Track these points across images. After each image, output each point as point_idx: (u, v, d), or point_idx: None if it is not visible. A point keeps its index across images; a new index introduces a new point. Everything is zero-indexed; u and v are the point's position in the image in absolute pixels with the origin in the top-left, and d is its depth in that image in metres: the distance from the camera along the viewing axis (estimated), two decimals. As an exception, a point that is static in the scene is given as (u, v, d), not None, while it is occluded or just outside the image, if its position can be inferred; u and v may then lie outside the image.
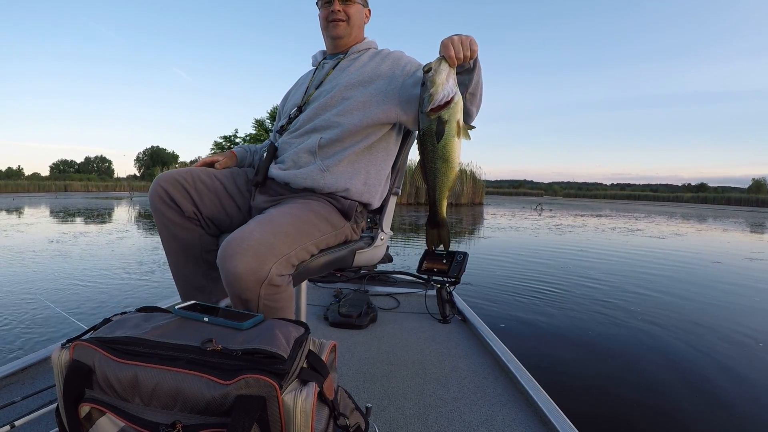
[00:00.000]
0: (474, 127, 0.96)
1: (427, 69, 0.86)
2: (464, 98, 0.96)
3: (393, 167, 1.32)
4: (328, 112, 1.18)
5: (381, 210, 1.31)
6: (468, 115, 1.02)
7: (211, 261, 1.15)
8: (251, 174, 1.26)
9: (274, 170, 1.17)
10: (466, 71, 0.97)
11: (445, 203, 0.92)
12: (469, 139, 0.90)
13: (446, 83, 0.85)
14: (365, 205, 1.22)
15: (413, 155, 1.44)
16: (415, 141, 0.92)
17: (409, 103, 1.12)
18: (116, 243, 5.75)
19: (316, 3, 1.28)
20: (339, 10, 1.21)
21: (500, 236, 7.66)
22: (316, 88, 1.25)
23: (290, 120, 1.25)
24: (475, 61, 0.97)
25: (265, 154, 1.23)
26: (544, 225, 10.33)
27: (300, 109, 1.24)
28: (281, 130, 1.27)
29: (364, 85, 1.17)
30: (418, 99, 1.09)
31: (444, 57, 0.87)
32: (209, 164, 1.27)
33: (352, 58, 1.26)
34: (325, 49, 1.35)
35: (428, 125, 0.85)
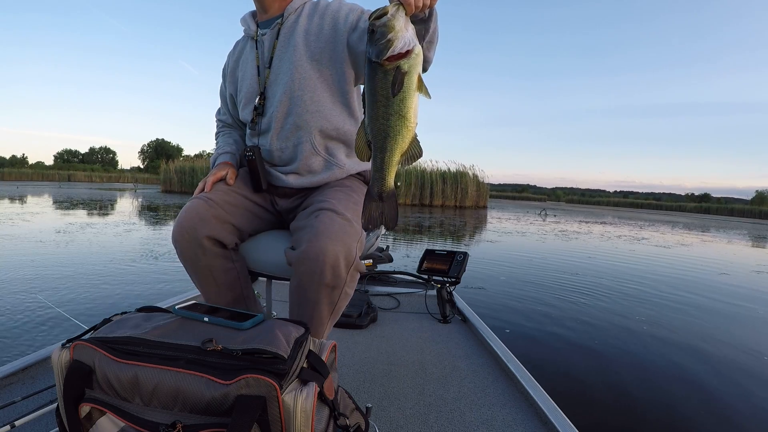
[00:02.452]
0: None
1: (380, 15, 0.74)
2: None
3: None
4: (302, 102, 1.11)
5: None
6: (426, 62, 0.94)
7: (249, 295, 1.14)
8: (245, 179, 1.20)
9: (291, 179, 1.15)
10: (422, 21, 0.85)
11: (394, 171, 0.76)
12: (429, 97, 0.76)
13: (405, 30, 0.73)
14: None
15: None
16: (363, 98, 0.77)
17: (357, 60, 1.09)
18: (123, 236, 5.77)
19: None
20: None
21: (507, 240, 7.61)
22: (268, 68, 1.15)
23: (256, 111, 1.16)
24: (432, 9, 0.85)
25: (249, 159, 1.15)
26: (549, 231, 10.25)
27: (263, 95, 1.15)
28: (252, 125, 1.18)
29: (318, 60, 1.10)
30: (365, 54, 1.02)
31: (401, 2, 0.75)
32: (219, 181, 1.16)
33: (291, 22, 1.14)
34: (252, 10, 1.23)
35: (382, 77, 0.72)
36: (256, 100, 1.16)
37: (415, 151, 0.75)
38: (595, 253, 6.64)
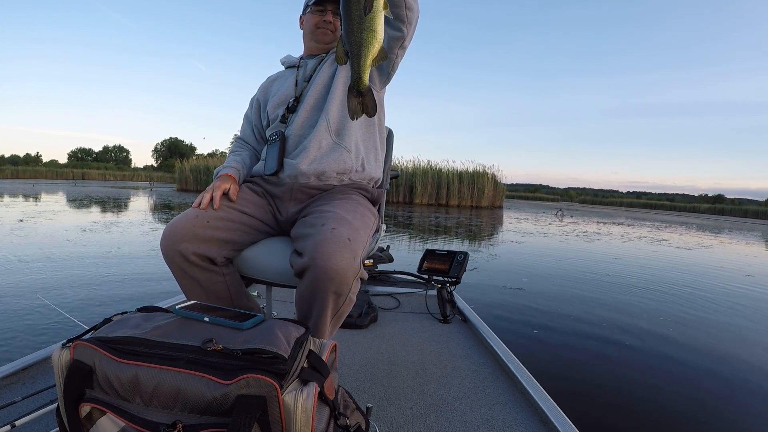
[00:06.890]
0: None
1: None
2: None
3: (384, 163, 1.39)
4: (330, 98, 1.23)
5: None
6: (408, 7, 1.08)
7: (241, 305, 1.15)
8: (253, 185, 1.24)
9: (303, 167, 1.17)
10: None
11: (368, 72, 0.97)
12: (391, 16, 1.05)
13: None
14: (380, 187, 1.33)
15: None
16: (342, 18, 0.96)
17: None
18: (150, 234, 5.81)
19: (306, 8, 1.33)
20: (330, 21, 1.30)
21: (531, 241, 7.60)
22: (307, 82, 1.28)
23: (288, 109, 1.26)
24: None
25: (268, 148, 1.24)
26: (570, 231, 10.20)
27: (297, 99, 1.26)
28: (283, 119, 1.27)
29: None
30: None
31: None
32: (224, 194, 1.18)
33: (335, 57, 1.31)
34: (292, 54, 1.40)
35: (356, 1, 0.90)
36: (290, 101, 1.27)
37: (381, 55, 0.94)
38: (620, 254, 6.58)
